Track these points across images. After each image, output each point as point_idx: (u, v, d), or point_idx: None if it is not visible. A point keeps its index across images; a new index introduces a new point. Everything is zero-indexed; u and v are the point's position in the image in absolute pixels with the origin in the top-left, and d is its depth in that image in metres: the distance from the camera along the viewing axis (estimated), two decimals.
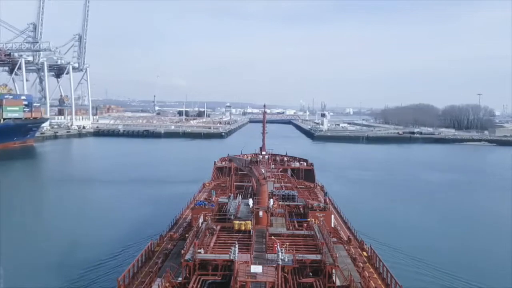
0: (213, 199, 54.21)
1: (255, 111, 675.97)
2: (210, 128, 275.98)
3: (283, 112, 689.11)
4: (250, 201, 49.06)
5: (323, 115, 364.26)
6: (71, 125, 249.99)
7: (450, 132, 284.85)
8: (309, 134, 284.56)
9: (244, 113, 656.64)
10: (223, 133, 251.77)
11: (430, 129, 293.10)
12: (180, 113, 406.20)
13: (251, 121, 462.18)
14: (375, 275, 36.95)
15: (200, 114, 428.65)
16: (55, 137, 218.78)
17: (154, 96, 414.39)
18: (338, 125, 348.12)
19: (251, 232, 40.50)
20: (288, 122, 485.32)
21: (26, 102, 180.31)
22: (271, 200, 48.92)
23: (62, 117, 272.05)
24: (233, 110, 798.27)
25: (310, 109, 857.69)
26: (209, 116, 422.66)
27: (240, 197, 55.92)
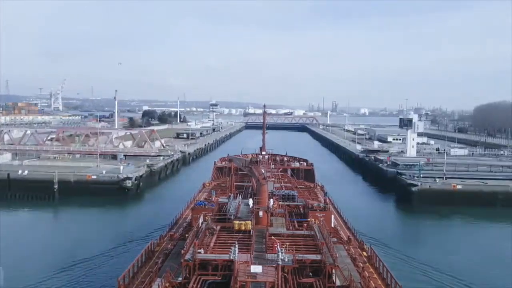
0: (213, 199, 54.21)
1: (259, 111, 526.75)
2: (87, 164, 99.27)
3: (292, 113, 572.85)
4: (250, 201, 49.12)
5: (408, 123, 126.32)
6: None
7: None
8: (366, 168, 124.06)
9: (245, 114, 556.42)
10: (127, 183, 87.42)
11: None
12: (146, 114, 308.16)
13: (249, 126, 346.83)
14: (375, 275, 36.97)
15: (162, 119, 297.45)
16: None
17: (116, 91, 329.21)
18: (425, 144, 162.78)
19: (251, 232, 40.53)
20: (302, 128, 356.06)
21: None
22: (271, 200, 48.97)
23: None
24: (233, 111, 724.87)
25: (320, 109, 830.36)
26: (183, 121, 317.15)
27: (240, 197, 55.96)
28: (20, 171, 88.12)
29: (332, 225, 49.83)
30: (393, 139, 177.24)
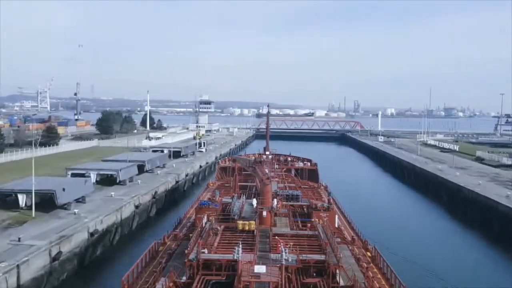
0: (217, 199, 54.21)
1: (275, 111, 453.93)
2: None
3: (313, 113, 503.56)
4: (254, 201, 49.12)
5: None
6: None
7: None
8: None
9: (259, 115, 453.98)
10: None
11: None
12: (106, 116, 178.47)
13: (262, 134, 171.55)
14: (379, 275, 36.90)
15: (105, 128, 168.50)
16: None
17: (77, 84, 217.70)
18: None
19: (255, 232, 40.52)
20: (341, 137, 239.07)
21: None
22: (275, 200, 48.95)
23: None
24: (245, 111, 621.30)
25: (341, 108, 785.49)
26: (158, 127, 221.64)
27: (244, 197, 56.00)
28: None
29: (336, 225, 49.76)
30: None
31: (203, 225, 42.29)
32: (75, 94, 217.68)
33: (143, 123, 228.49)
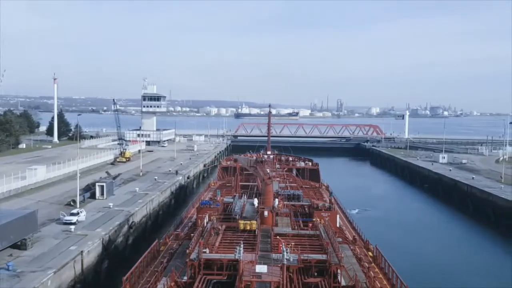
0: (218, 198, 54.23)
1: (255, 111, 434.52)
2: None
3: (297, 113, 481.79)
4: (255, 201, 49.13)
5: None
6: None
7: None
8: None
9: (238, 115, 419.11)
10: None
11: None
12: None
13: (240, 143, 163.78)
14: (381, 275, 36.87)
15: None
16: None
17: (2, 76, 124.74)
18: None
19: (256, 232, 40.53)
20: (355, 149, 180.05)
21: None
22: (276, 199, 48.97)
23: None
24: (223, 110, 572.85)
25: (323, 108, 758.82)
26: (75, 138, 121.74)
27: (245, 196, 56.02)
28: None
29: (338, 225, 49.73)
30: None
31: (205, 224, 42.32)
32: None
33: (50, 130, 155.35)
